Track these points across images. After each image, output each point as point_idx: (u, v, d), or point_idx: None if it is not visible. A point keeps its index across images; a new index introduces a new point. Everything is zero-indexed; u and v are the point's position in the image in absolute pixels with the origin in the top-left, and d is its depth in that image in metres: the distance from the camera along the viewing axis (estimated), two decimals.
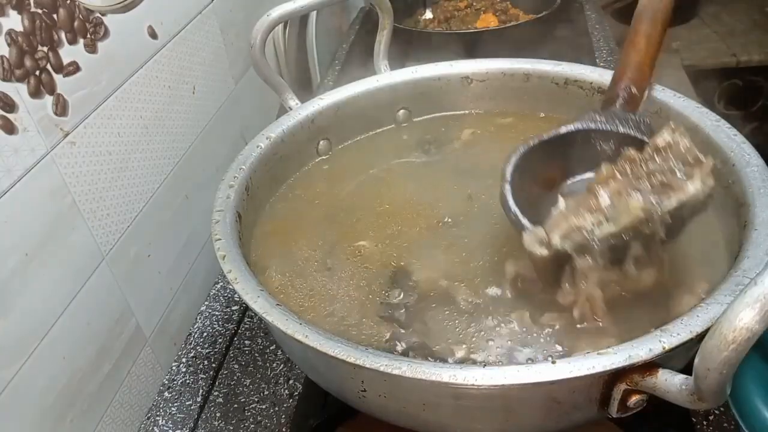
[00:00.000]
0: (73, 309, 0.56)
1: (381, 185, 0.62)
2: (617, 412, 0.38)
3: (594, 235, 0.42)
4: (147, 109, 0.67)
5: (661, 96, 0.58)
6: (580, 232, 0.42)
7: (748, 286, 0.28)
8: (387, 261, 0.53)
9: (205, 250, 0.80)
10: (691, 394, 0.33)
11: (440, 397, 0.40)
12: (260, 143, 0.60)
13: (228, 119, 0.87)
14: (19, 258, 0.50)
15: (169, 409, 0.64)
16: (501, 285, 0.49)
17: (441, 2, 1.28)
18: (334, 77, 1.13)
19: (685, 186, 0.41)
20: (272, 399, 0.63)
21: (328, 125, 0.66)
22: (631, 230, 0.42)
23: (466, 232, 0.55)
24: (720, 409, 0.55)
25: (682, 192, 0.41)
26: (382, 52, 0.70)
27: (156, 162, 0.69)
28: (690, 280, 0.47)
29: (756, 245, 0.42)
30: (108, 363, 0.61)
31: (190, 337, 0.72)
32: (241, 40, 0.91)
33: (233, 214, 0.52)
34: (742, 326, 0.28)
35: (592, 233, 0.42)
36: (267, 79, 0.64)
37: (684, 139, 0.43)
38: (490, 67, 0.68)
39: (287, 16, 0.62)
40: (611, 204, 0.42)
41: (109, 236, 0.61)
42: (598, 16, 1.24)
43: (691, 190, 0.41)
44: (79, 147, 0.57)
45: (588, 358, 0.36)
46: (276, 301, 0.43)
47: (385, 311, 0.49)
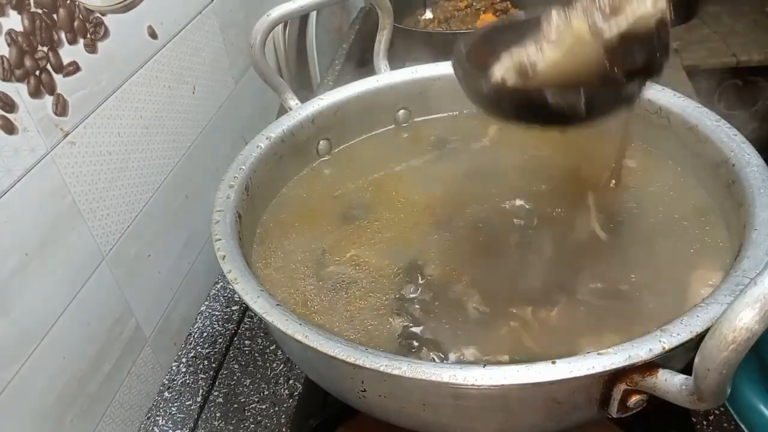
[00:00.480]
0: (73, 309, 0.56)
1: (381, 185, 0.62)
2: (617, 412, 0.38)
3: (536, 63, 0.40)
4: (147, 109, 0.67)
5: (661, 96, 0.58)
6: (522, 61, 0.40)
7: (748, 286, 0.28)
8: (388, 261, 0.53)
9: (205, 250, 0.80)
10: (691, 395, 0.33)
11: (440, 397, 0.40)
12: (260, 143, 0.60)
13: (228, 119, 0.87)
14: (19, 258, 0.50)
15: (169, 409, 0.64)
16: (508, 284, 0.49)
17: (441, 2, 1.28)
18: (334, 77, 1.13)
19: (634, 5, 0.39)
20: (272, 399, 0.63)
21: (328, 125, 0.66)
22: (579, 57, 0.39)
23: (469, 232, 0.55)
24: (720, 409, 0.55)
25: (631, 11, 0.39)
26: (382, 52, 0.70)
27: (156, 162, 0.69)
28: (689, 280, 0.47)
29: (756, 245, 0.42)
30: (108, 363, 0.61)
31: (190, 337, 0.72)
32: (241, 40, 0.91)
33: (233, 214, 0.52)
34: (742, 326, 0.28)
35: (533, 63, 0.40)
36: (267, 79, 0.64)
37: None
38: None
39: (287, 16, 0.62)
40: (558, 29, 0.40)
41: (109, 236, 0.61)
42: None
43: (640, 9, 0.39)
44: (79, 147, 0.57)
45: (588, 358, 0.36)
46: (276, 301, 0.43)
47: (392, 310, 0.49)
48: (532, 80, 0.41)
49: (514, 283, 0.49)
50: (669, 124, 0.57)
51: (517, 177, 0.61)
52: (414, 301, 0.49)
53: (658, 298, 0.46)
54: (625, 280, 0.48)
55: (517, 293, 0.49)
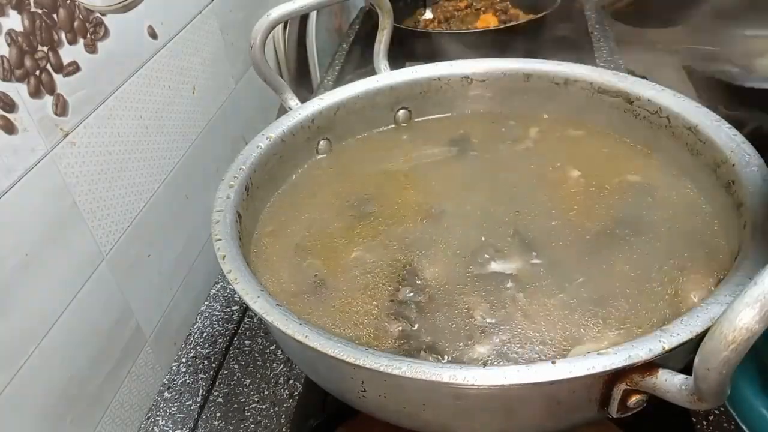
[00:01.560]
0: (73, 309, 0.56)
1: (381, 185, 0.62)
2: (617, 412, 0.38)
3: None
4: (147, 109, 0.67)
5: (661, 96, 0.58)
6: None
7: (748, 286, 0.28)
8: (388, 261, 0.53)
9: (205, 250, 0.80)
10: (690, 395, 0.33)
11: (440, 397, 0.40)
12: (260, 143, 0.60)
13: (228, 119, 0.87)
14: (19, 258, 0.50)
15: (169, 409, 0.64)
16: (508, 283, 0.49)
17: (441, 2, 1.28)
18: (334, 77, 1.13)
19: None
20: (272, 399, 0.63)
21: (328, 125, 0.66)
22: None
23: (471, 231, 0.55)
24: (720, 409, 0.55)
25: None
26: (382, 52, 0.70)
27: (156, 162, 0.69)
28: (689, 281, 0.47)
29: (756, 245, 0.42)
30: (108, 363, 0.61)
31: (190, 337, 0.72)
32: (241, 40, 0.91)
33: (233, 214, 0.52)
34: (742, 326, 0.28)
35: None
36: (267, 79, 0.64)
37: None
38: (490, 67, 0.68)
39: (287, 16, 0.62)
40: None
41: (109, 236, 0.61)
42: (598, 16, 1.24)
43: None
44: (79, 147, 0.57)
45: (588, 358, 0.36)
46: (276, 301, 0.43)
47: (393, 309, 0.49)
48: None
49: (512, 282, 0.49)
50: (669, 124, 0.57)
51: (517, 179, 0.61)
52: (410, 303, 0.49)
53: (657, 297, 0.46)
54: (623, 278, 0.48)
55: (513, 293, 0.49)
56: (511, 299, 0.48)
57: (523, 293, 0.48)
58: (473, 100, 0.70)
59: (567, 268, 0.50)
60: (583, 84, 0.64)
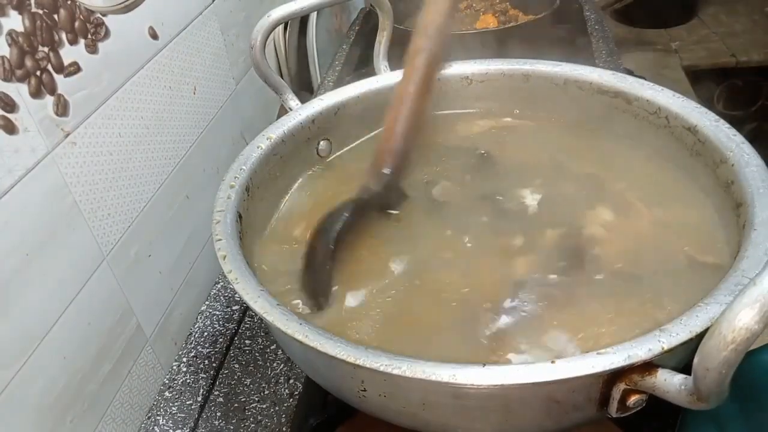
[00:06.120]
0: (73, 309, 0.56)
1: None
2: (617, 411, 0.38)
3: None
4: (148, 109, 0.67)
5: (660, 96, 0.58)
6: None
7: (747, 286, 0.29)
8: (389, 260, 0.53)
9: (205, 250, 0.80)
10: (690, 394, 0.33)
11: (440, 397, 0.40)
12: (261, 144, 0.60)
13: (228, 120, 0.87)
14: (19, 258, 0.50)
15: (170, 408, 0.64)
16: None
17: None
18: (334, 78, 1.13)
19: None
20: (272, 399, 0.63)
21: (328, 126, 0.66)
22: None
23: (474, 230, 0.55)
24: None
25: None
26: (382, 52, 0.71)
27: (157, 162, 0.69)
28: (687, 280, 0.47)
29: (755, 245, 0.42)
30: (108, 363, 0.61)
31: (190, 336, 0.72)
32: (242, 41, 0.91)
33: (234, 214, 0.52)
34: (742, 326, 0.28)
35: None
36: (267, 80, 0.64)
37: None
38: (489, 67, 0.68)
39: (288, 17, 0.62)
40: None
41: (110, 236, 0.61)
42: (598, 16, 1.24)
43: None
44: (80, 147, 0.57)
45: (587, 357, 0.36)
46: (276, 301, 0.43)
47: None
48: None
49: (513, 287, 0.50)
50: (668, 124, 0.57)
51: (520, 178, 0.61)
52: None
53: (655, 297, 0.46)
54: (622, 277, 0.49)
55: (515, 295, 0.49)
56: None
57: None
58: (473, 100, 0.70)
59: (568, 265, 0.50)
60: (582, 84, 0.64)
